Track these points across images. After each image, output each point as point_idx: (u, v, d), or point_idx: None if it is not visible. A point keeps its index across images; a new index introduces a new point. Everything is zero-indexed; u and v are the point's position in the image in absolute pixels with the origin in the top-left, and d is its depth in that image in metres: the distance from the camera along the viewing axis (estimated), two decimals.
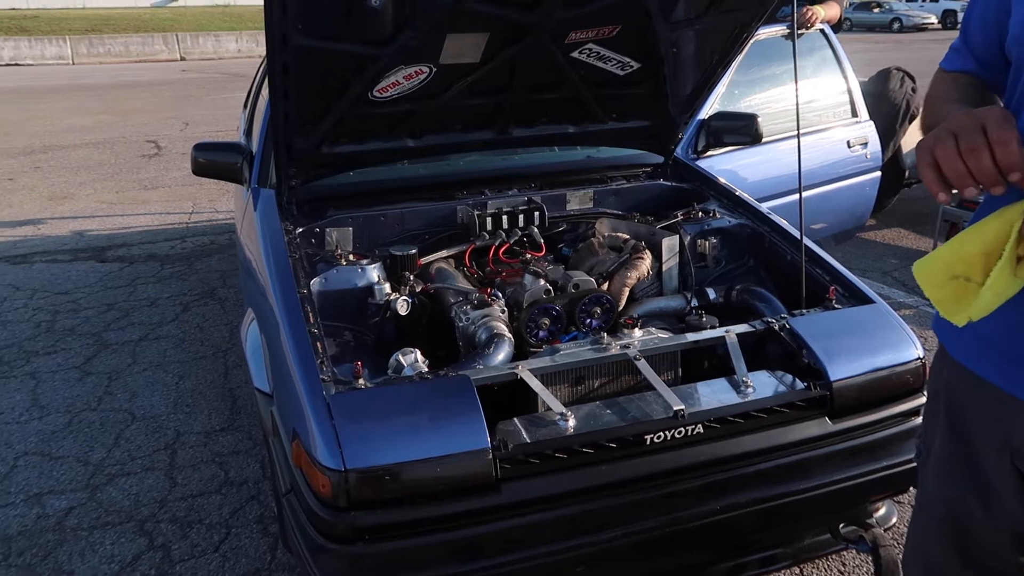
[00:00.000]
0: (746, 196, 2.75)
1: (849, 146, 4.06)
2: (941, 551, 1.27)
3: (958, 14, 27.55)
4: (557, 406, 1.76)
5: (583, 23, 2.24)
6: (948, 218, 4.66)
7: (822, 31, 4.10)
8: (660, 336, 2.03)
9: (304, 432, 1.65)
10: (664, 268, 2.52)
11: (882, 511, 2.12)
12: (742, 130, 3.25)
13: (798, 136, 2.24)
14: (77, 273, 4.92)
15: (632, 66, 2.50)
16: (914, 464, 1.37)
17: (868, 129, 4.16)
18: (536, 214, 2.60)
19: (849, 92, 4.13)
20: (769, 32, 3.80)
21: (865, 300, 2.13)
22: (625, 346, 1.93)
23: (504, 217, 2.56)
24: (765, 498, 1.80)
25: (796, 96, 2.30)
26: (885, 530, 2.05)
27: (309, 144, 2.33)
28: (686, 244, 2.56)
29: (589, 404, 1.82)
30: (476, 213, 2.55)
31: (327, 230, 2.45)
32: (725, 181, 2.91)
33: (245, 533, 2.50)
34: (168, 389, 3.43)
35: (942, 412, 1.26)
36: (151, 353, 3.77)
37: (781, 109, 3.76)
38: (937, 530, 1.27)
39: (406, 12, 1.99)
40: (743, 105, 3.75)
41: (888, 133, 4.80)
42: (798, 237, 2.30)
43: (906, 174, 5.27)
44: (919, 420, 1.90)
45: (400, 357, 1.92)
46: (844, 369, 1.89)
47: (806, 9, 3.95)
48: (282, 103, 2.12)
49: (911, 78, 5.12)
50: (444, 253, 2.54)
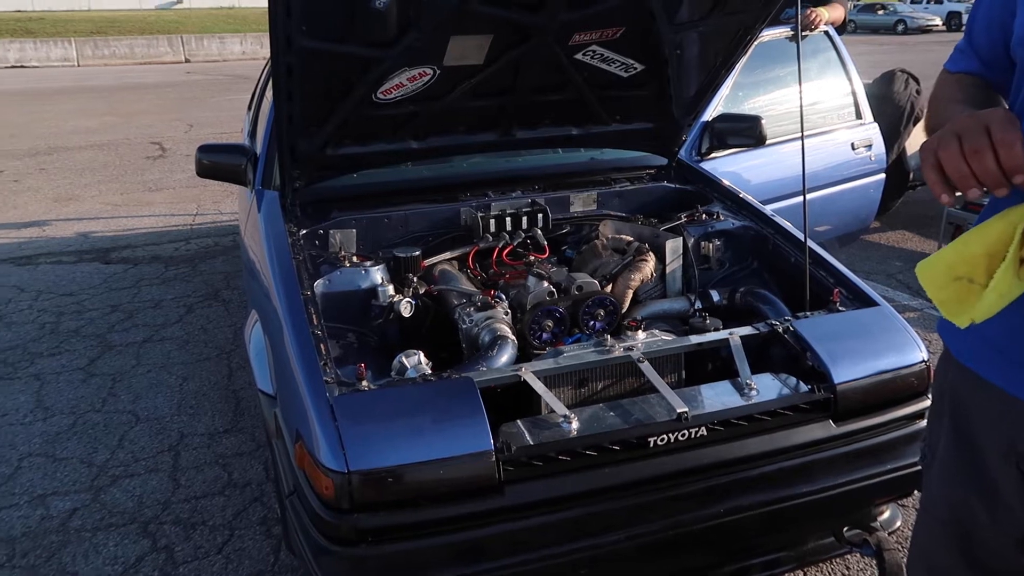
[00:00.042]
0: (750, 198, 2.75)
1: (853, 148, 4.05)
2: (946, 554, 1.27)
3: (962, 16, 27.52)
4: (560, 408, 1.75)
5: (587, 25, 2.24)
6: (953, 220, 4.65)
7: (826, 33, 4.10)
8: (664, 338, 2.03)
9: (307, 434, 1.65)
10: (668, 270, 2.52)
11: (886, 514, 2.11)
12: (746, 132, 3.25)
13: (802, 138, 2.23)
14: (82, 274, 4.94)
15: (636, 68, 2.50)
16: (918, 467, 1.37)
17: (872, 131, 4.15)
18: (540, 216, 2.60)
19: (853, 94, 4.12)
20: (773, 34, 3.79)
21: (869, 303, 2.13)
22: (628, 348, 1.93)
23: (508, 219, 2.55)
24: (769, 501, 1.79)
25: (800, 98, 2.30)
26: (889, 533, 2.05)
27: (313, 146, 2.34)
28: (690, 246, 2.56)
29: (592, 406, 1.82)
30: (480, 215, 2.55)
31: (331, 232, 2.45)
32: (729, 183, 2.90)
33: (248, 535, 2.50)
34: (172, 391, 3.43)
35: (946, 415, 1.26)
36: (155, 355, 3.78)
37: (785, 111, 3.76)
38: (942, 533, 1.27)
39: (410, 14, 2.00)
40: (747, 107, 3.74)
41: (892, 135, 4.79)
42: (802, 239, 2.30)
43: (910, 176, 5.25)
44: (923, 423, 1.89)
45: (403, 359, 1.92)
46: (848, 372, 1.88)
47: (810, 11, 3.95)
48: (286, 105, 2.12)
49: (915, 80, 5.12)
50: (448, 255, 2.54)
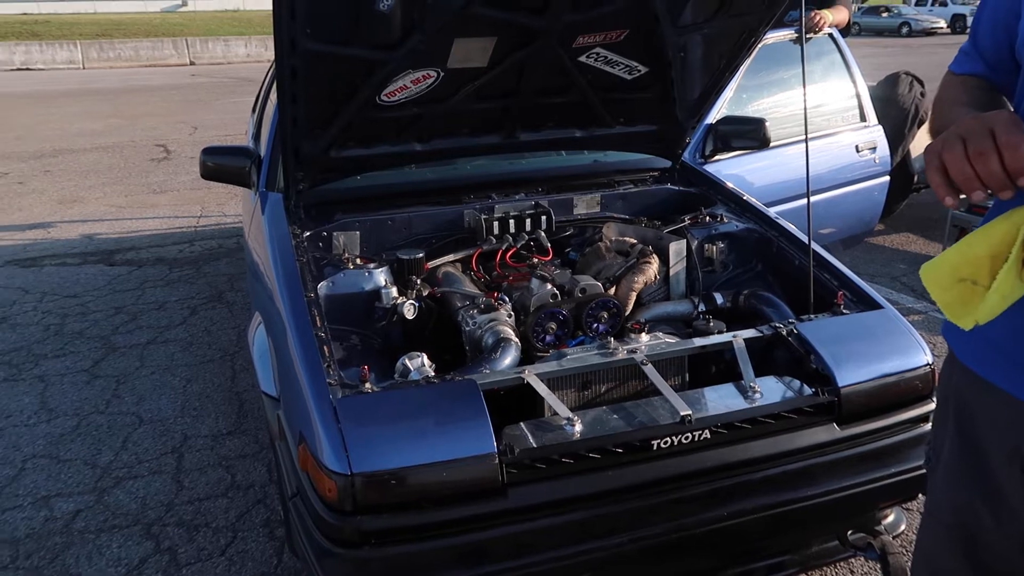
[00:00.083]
0: (754, 200, 2.75)
1: (858, 151, 4.05)
2: (950, 558, 1.26)
3: (967, 18, 27.46)
4: (564, 411, 1.75)
5: (591, 27, 2.24)
6: (957, 223, 4.64)
7: (830, 35, 4.10)
8: (667, 341, 2.03)
9: (310, 436, 1.65)
10: (671, 273, 2.52)
11: (891, 518, 2.10)
12: (750, 134, 3.25)
13: (806, 140, 2.23)
14: (86, 276, 4.95)
15: (640, 70, 2.50)
16: (923, 471, 1.36)
17: (877, 134, 4.15)
18: (543, 218, 2.60)
19: (858, 96, 4.12)
20: (777, 36, 3.79)
21: (873, 305, 2.12)
22: (632, 351, 1.93)
23: (511, 221, 2.55)
24: (772, 504, 1.79)
25: (804, 100, 2.30)
26: (894, 537, 2.04)
27: (317, 148, 2.34)
28: (693, 249, 2.55)
29: (596, 409, 1.82)
30: (483, 217, 2.55)
31: (334, 234, 2.45)
32: (732, 185, 2.90)
33: (251, 537, 2.50)
34: (176, 392, 3.44)
35: (951, 418, 1.25)
36: (159, 356, 3.79)
37: (789, 113, 3.75)
38: (946, 537, 1.26)
39: (414, 17, 2.00)
40: (751, 109, 3.74)
41: (897, 138, 4.78)
42: (806, 242, 2.29)
43: (915, 179, 5.25)
44: (928, 426, 1.89)
45: (407, 361, 1.92)
46: (852, 375, 1.88)
47: (814, 13, 3.95)
48: (290, 107, 2.12)
49: (920, 82, 5.11)
50: (451, 257, 2.54)
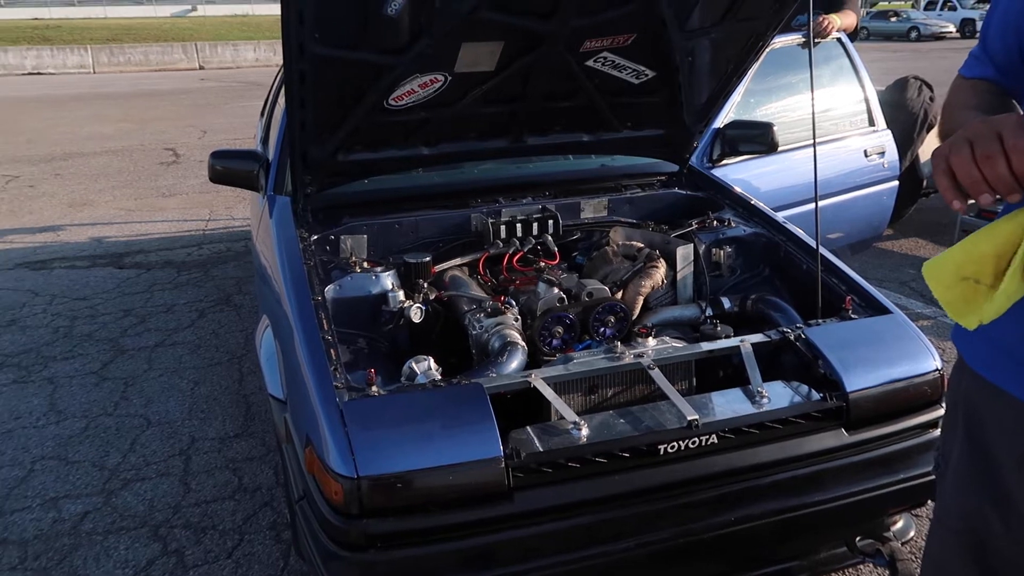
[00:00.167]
0: (761, 205, 2.74)
1: (866, 155, 4.03)
2: (960, 564, 1.25)
3: (976, 23, 27.35)
4: (570, 415, 1.75)
5: (598, 32, 2.24)
6: (967, 228, 4.62)
7: (839, 40, 4.09)
8: (674, 345, 2.02)
9: (317, 439, 1.65)
10: (679, 277, 2.51)
11: (900, 524, 2.09)
12: (757, 139, 3.24)
13: (814, 145, 2.23)
14: (95, 279, 4.97)
15: (647, 75, 2.50)
16: (932, 477, 1.36)
17: (885, 138, 4.13)
18: (550, 222, 2.60)
19: (866, 101, 4.11)
20: (785, 41, 3.78)
21: (882, 310, 2.11)
22: (639, 355, 1.93)
23: (518, 225, 2.55)
24: (780, 510, 1.78)
25: (812, 105, 2.29)
26: (903, 544, 2.03)
27: (325, 152, 2.35)
28: (701, 253, 2.55)
29: (602, 413, 1.81)
30: (490, 221, 2.55)
31: (342, 237, 2.46)
32: (740, 190, 2.90)
33: (258, 539, 2.51)
34: (183, 395, 3.45)
35: (960, 423, 1.24)
36: (167, 359, 3.80)
37: (797, 118, 3.74)
38: (955, 543, 1.26)
39: (422, 21, 2.00)
40: (759, 114, 3.73)
41: (906, 142, 4.76)
42: (814, 246, 2.29)
43: (924, 183, 5.22)
44: (937, 432, 1.88)
45: (413, 364, 1.92)
46: (861, 380, 1.87)
47: (822, 18, 3.94)
48: (298, 112, 2.13)
49: (929, 87, 5.09)
50: (458, 261, 2.54)
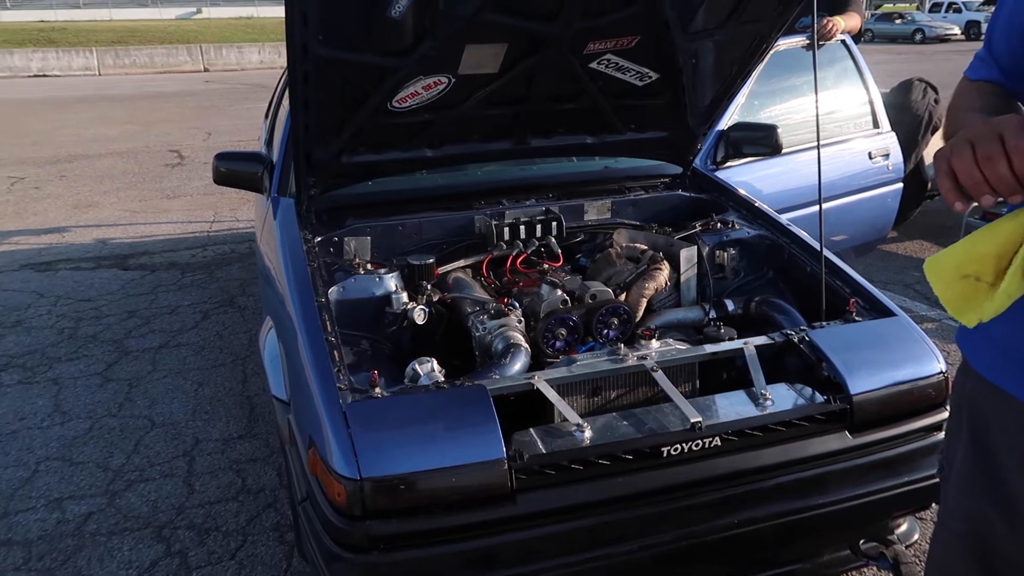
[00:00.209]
0: (765, 207, 2.74)
1: (870, 157, 4.02)
2: (964, 567, 1.25)
3: (981, 25, 27.29)
4: (573, 417, 1.75)
5: (602, 34, 2.24)
6: (971, 230, 4.58)
7: (843, 42, 4.08)
8: (678, 347, 2.02)
9: (320, 440, 1.65)
10: (682, 279, 2.51)
11: (903, 527, 2.08)
12: (761, 141, 3.24)
13: (818, 147, 2.22)
14: (100, 280, 4.98)
15: (650, 77, 2.50)
16: (936, 480, 1.35)
17: (890, 140, 4.12)
18: (554, 224, 2.60)
19: (870, 103, 4.10)
20: (789, 43, 3.78)
21: (886, 313, 2.11)
22: (642, 357, 1.92)
23: (522, 227, 2.56)
24: (784, 512, 1.78)
25: (816, 107, 2.29)
26: (907, 547, 2.02)
27: (328, 154, 2.35)
28: (704, 255, 2.54)
29: (605, 415, 1.81)
30: (494, 223, 2.55)
31: (345, 239, 2.46)
32: (744, 192, 2.89)
33: (261, 541, 2.51)
34: (187, 396, 3.45)
35: (964, 426, 1.24)
36: (171, 360, 3.81)
37: (801, 120, 3.73)
38: (959, 546, 1.25)
39: (426, 23, 2.01)
40: (763, 116, 3.73)
41: (910, 144, 4.75)
42: (818, 249, 2.28)
43: (928, 186, 5.21)
44: (941, 435, 1.87)
45: (416, 366, 1.92)
46: (864, 382, 1.86)
47: (826, 20, 3.93)
48: (302, 113, 2.13)
49: (933, 89, 5.08)
50: (462, 263, 2.54)
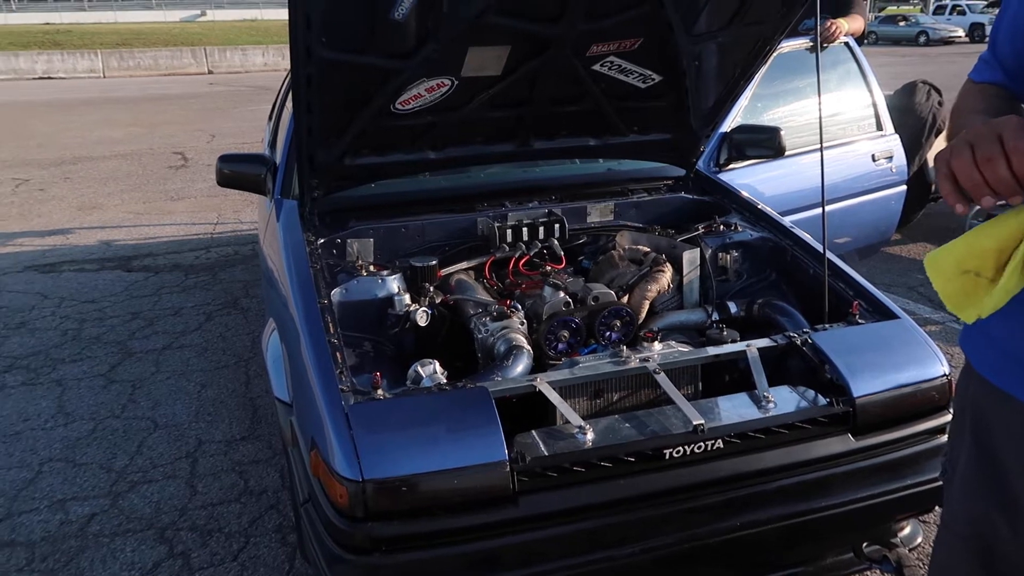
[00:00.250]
0: (768, 209, 2.73)
1: (874, 160, 4.02)
2: (967, 570, 1.24)
3: (986, 27, 27.25)
4: (575, 419, 1.75)
5: (605, 36, 2.25)
6: None
7: (846, 44, 4.08)
8: (680, 350, 2.02)
9: (322, 442, 1.66)
10: (685, 281, 2.51)
11: (907, 530, 2.08)
12: (765, 143, 3.23)
13: (821, 149, 2.22)
14: (104, 282, 4.99)
15: (654, 79, 2.50)
16: (940, 483, 1.35)
17: (893, 143, 4.12)
18: (556, 226, 2.60)
19: (874, 105, 4.09)
20: (792, 45, 3.78)
21: (889, 315, 2.10)
22: (645, 359, 1.92)
23: (524, 229, 2.56)
24: (786, 515, 1.77)
25: (819, 109, 2.29)
26: (910, 550, 2.02)
27: (332, 156, 2.36)
28: (707, 257, 2.54)
29: (608, 417, 1.81)
30: (496, 225, 2.56)
31: (348, 241, 2.46)
32: (747, 194, 2.89)
33: (264, 542, 2.51)
34: (190, 398, 3.46)
35: (967, 429, 1.24)
36: (174, 362, 3.81)
37: (804, 122, 3.73)
38: (963, 549, 1.25)
39: (429, 25, 2.01)
40: (766, 118, 3.73)
41: (914, 147, 4.75)
42: (821, 251, 2.28)
43: (932, 188, 5.20)
44: (944, 438, 1.87)
45: (419, 368, 1.92)
46: (868, 385, 1.86)
47: (829, 22, 3.93)
48: (306, 116, 2.14)
49: (937, 91, 5.07)
50: (464, 265, 2.54)
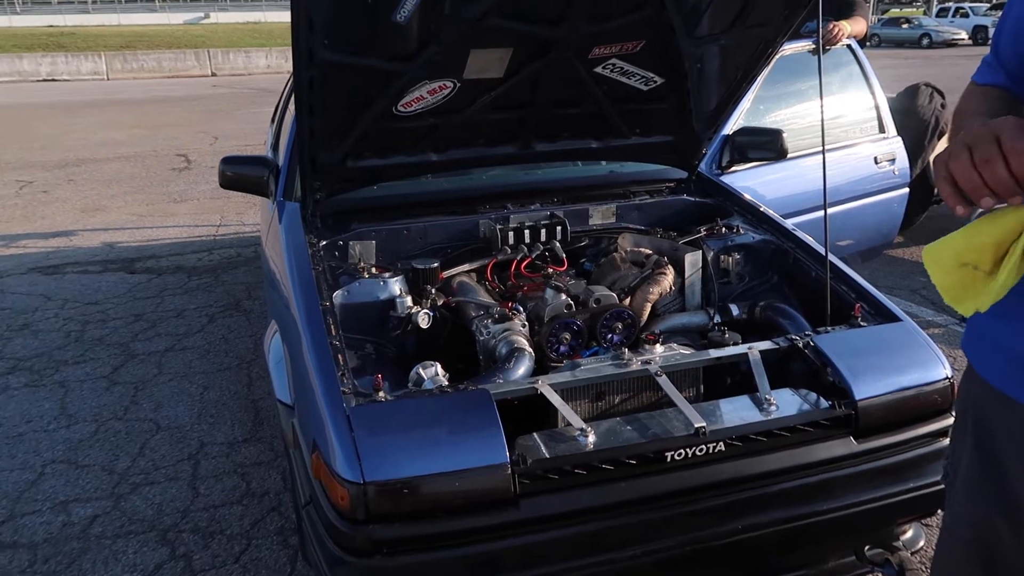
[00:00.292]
0: (770, 212, 2.73)
1: (876, 162, 4.02)
2: (969, 574, 1.24)
3: (989, 30, 27.24)
4: (577, 421, 1.75)
5: (607, 38, 2.25)
6: None
7: (849, 47, 4.08)
8: (682, 352, 2.01)
9: (324, 444, 1.66)
10: (687, 284, 2.51)
11: (909, 534, 2.07)
12: (767, 145, 3.23)
13: (823, 152, 2.22)
14: (107, 284, 5.01)
15: (656, 81, 2.50)
16: (942, 486, 1.34)
17: (896, 145, 4.11)
18: (558, 229, 2.60)
19: (876, 108, 4.09)
20: (795, 47, 3.78)
21: (892, 318, 2.10)
22: (646, 362, 1.92)
23: (526, 231, 2.56)
24: (788, 518, 1.77)
25: (821, 112, 2.29)
26: (912, 553, 2.01)
27: (334, 158, 2.36)
28: (709, 260, 2.54)
29: (609, 420, 1.81)
30: (498, 227, 2.56)
31: (350, 243, 2.47)
32: (749, 197, 2.89)
33: (265, 544, 2.51)
34: (193, 399, 3.46)
35: (969, 432, 1.23)
36: (177, 364, 3.82)
37: (806, 125, 3.73)
38: (964, 552, 1.25)
39: (431, 28, 2.01)
40: (768, 120, 3.73)
41: (917, 149, 4.74)
42: (823, 253, 2.28)
43: (935, 191, 5.19)
44: (947, 441, 1.86)
45: (420, 370, 1.92)
46: (870, 388, 1.85)
47: (832, 25, 3.93)
48: (308, 118, 2.14)
49: (940, 94, 5.07)
50: (466, 267, 2.55)
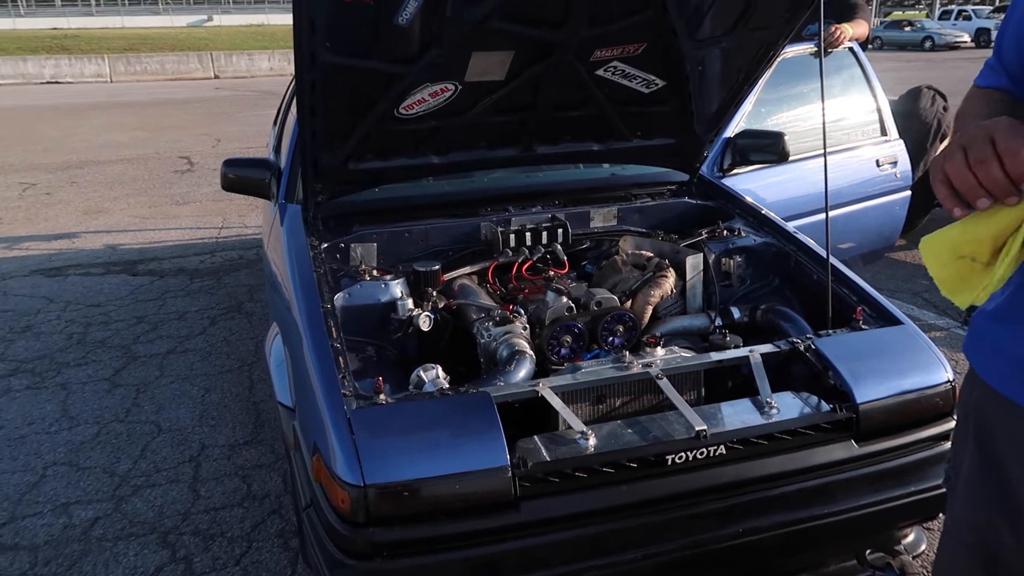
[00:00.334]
0: (772, 215, 2.73)
1: (878, 165, 4.01)
2: None
3: (991, 33, 27.23)
4: (578, 424, 1.74)
5: (608, 41, 2.25)
6: None
7: (851, 49, 4.07)
8: (683, 355, 2.01)
9: (324, 446, 1.66)
10: (688, 286, 2.50)
11: (910, 537, 2.07)
12: (768, 148, 3.23)
13: (824, 155, 2.22)
14: (109, 286, 5.01)
15: (657, 84, 2.50)
16: (943, 490, 1.34)
17: (898, 148, 4.11)
18: (560, 231, 2.60)
19: (878, 110, 4.09)
20: (796, 50, 3.78)
21: (893, 321, 2.10)
22: (647, 365, 1.92)
23: (528, 234, 2.56)
24: (789, 522, 1.77)
25: (823, 114, 2.29)
26: (914, 557, 2.01)
27: (336, 160, 2.36)
28: (710, 262, 2.54)
29: (610, 423, 1.81)
30: (500, 230, 2.56)
31: (352, 245, 2.47)
32: (750, 199, 2.89)
33: (266, 547, 2.51)
34: (194, 402, 3.46)
35: (971, 435, 1.23)
36: (178, 366, 3.82)
37: (808, 127, 3.73)
38: (966, 556, 1.24)
39: (432, 30, 2.02)
40: (770, 123, 3.73)
41: (919, 152, 4.73)
42: (824, 256, 2.27)
43: None
44: (948, 445, 1.86)
45: (421, 373, 1.92)
46: (871, 391, 1.85)
47: (834, 27, 3.93)
48: (310, 120, 2.14)
49: (942, 97, 5.06)
50: (467, 269, 2.55)
